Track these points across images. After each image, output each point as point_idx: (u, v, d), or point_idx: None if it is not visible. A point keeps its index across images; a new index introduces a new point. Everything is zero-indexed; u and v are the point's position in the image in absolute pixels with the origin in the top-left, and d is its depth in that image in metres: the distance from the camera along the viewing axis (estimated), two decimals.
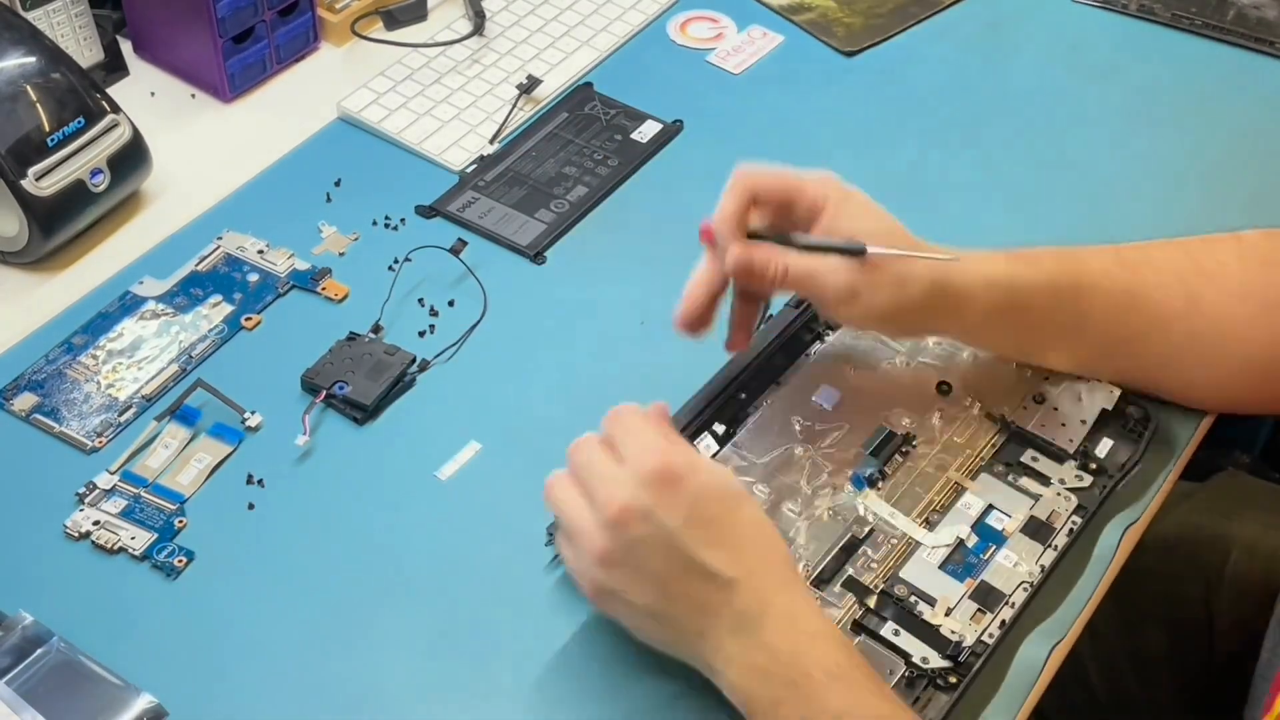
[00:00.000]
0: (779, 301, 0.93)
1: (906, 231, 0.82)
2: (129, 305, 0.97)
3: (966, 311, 0.83)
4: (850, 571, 0.81)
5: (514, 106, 1.12)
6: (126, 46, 1.17)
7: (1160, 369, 0.88)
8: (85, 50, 1.12)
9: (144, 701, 0.75)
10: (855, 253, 0.79)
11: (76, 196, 0.98)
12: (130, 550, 0.83)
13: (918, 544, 0.83)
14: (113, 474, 0.87)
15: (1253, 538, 1.02)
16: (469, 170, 1.08)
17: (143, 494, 0.86)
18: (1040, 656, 0.79)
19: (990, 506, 0.85)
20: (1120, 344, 0.86)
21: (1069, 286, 0.84)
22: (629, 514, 0.71)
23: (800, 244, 0.81)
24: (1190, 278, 0.86)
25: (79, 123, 0.98)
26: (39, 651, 0.76)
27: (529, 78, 1.14)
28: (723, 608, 0.72)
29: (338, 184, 1.06)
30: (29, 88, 0.97)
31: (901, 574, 0.81)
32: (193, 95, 1.14)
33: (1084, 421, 0.88)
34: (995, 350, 0.90)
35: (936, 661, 0.77)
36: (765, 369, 0.91)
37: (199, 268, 1.00)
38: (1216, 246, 0.87)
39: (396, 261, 1.00)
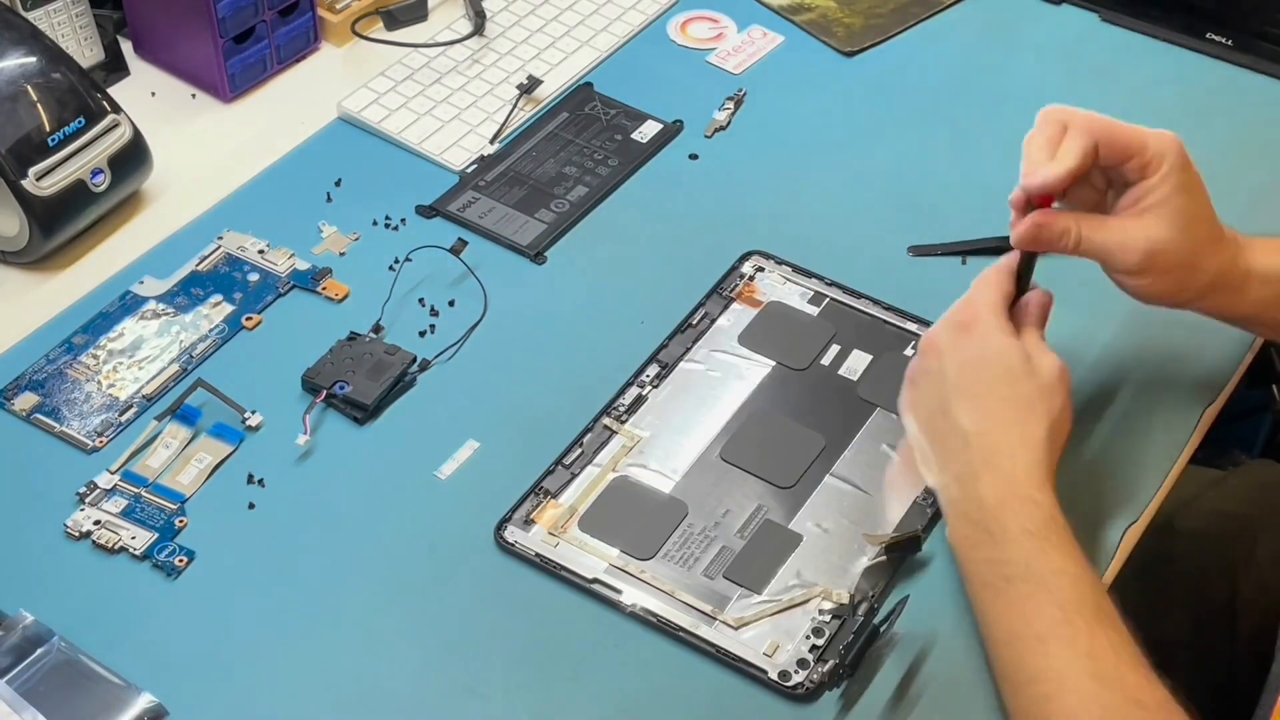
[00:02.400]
0: None
1: (1216, 218, 0.83)
2: (129, 305, 0.97)
3: (1241, 301, 0.85)
4: None
5: (514, 106, 1.12)
6: (127, 46, 1.17)
7: None
8: (86, 50, 1.12)
9: (144, 701, 0.75)
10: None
11: (77, 196, 0.98)
12: (131, 550, 0.83)
13: None
14: (113, 474, 0.87)
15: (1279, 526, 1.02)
16: (469, 170, 1.08)
17: (143, 494, 0.86)
18: None
19: None
20: None
21: None
22: (928, 346, 0.83)
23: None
24: None
25: (79, 123, 0.98)
26: (39, 651, 0.76)
27: (529, 78, 1.14)
28: (957, 457, 0.79)
29: (338, 184, 1.06)
30: (29, 88, 0.97)
31: None
32: (193, 95, 1.14)
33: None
34: (1268, 336, 0.93)
35: None
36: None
37: (199, 267, 1.00)
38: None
39: (397, 261, 1.00)
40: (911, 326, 0.97)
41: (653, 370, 0.93)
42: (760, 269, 1.00)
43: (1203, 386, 0.94)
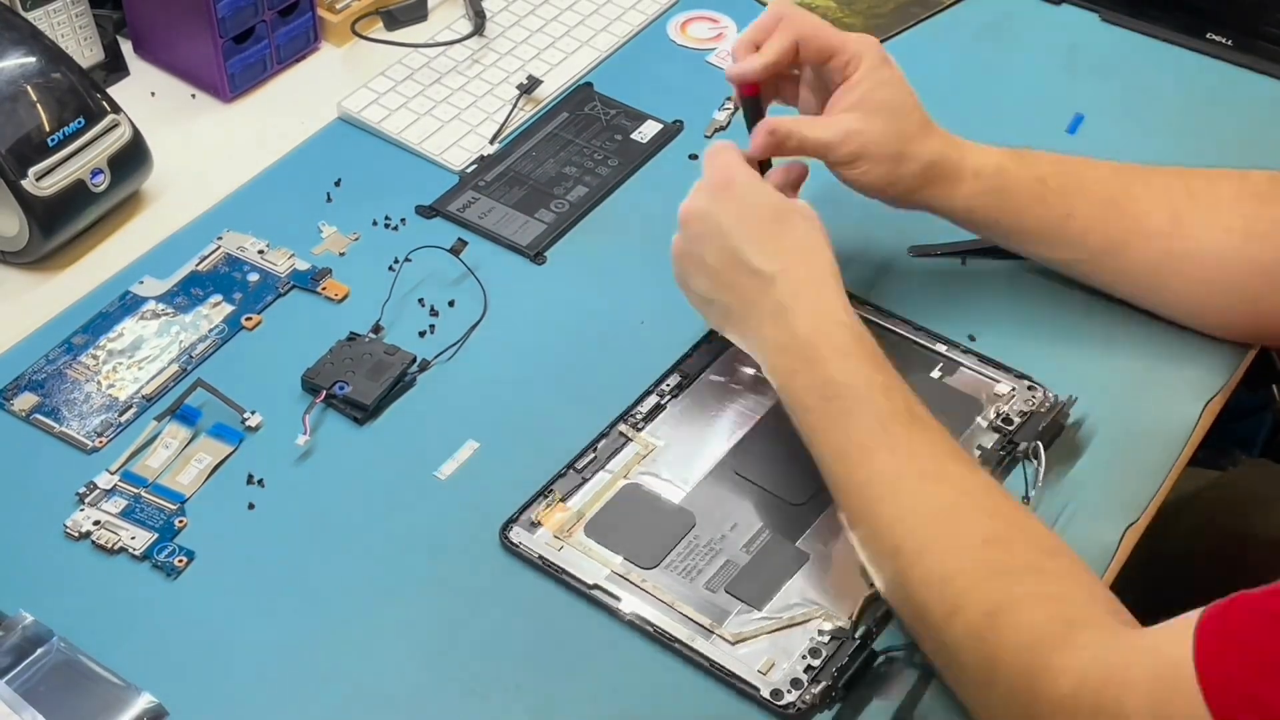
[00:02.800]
0: None
1: (923, 111, 0.91)
2: (129, 305, 0.97)
3: (955, 194, 0.91)
4: None
5: (514, 106, 1.12)
6: (127, 46, 1.17)
7: (1142, 280, 0.93)
8: (85, 50, 1.12)
9: (144, 701, 0.75)
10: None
11: (77, 196, 0.98)
12: (130, 550, 0.83)
13: None
14: (113, 474, 0.87)
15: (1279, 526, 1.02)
16: (469, 170, 1.08)
17: (143, 494, 0.86)
18: None
19: None
20: (1103, 249, 0.92)
21: (1057, 187, 0.91)
22: (690, 213, 0.87)
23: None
24: (1179, 199, 0.90)
25: (79, 123, 0.98)
26: (39, 651, 0.76)
27: (529, 78, 1.14)
28: (762, 298, 0.83)
29: (338, 184, 1.06)
30: (29, 88, 0.97)
31: None
32: (193, 95, 1.14)
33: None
34: (983, 234, 0.95)
35: None
36: None
37: (199, 268, 1.00)
38: (1218, 179, 0.92)
39: (397, 261, 1.00)
40: (940, 347, 0.95)
41: (674, 380, 0.93)
42: None
43: (1203, 386, 0.94)
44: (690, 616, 0.81)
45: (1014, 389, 0.92)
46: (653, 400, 0.91)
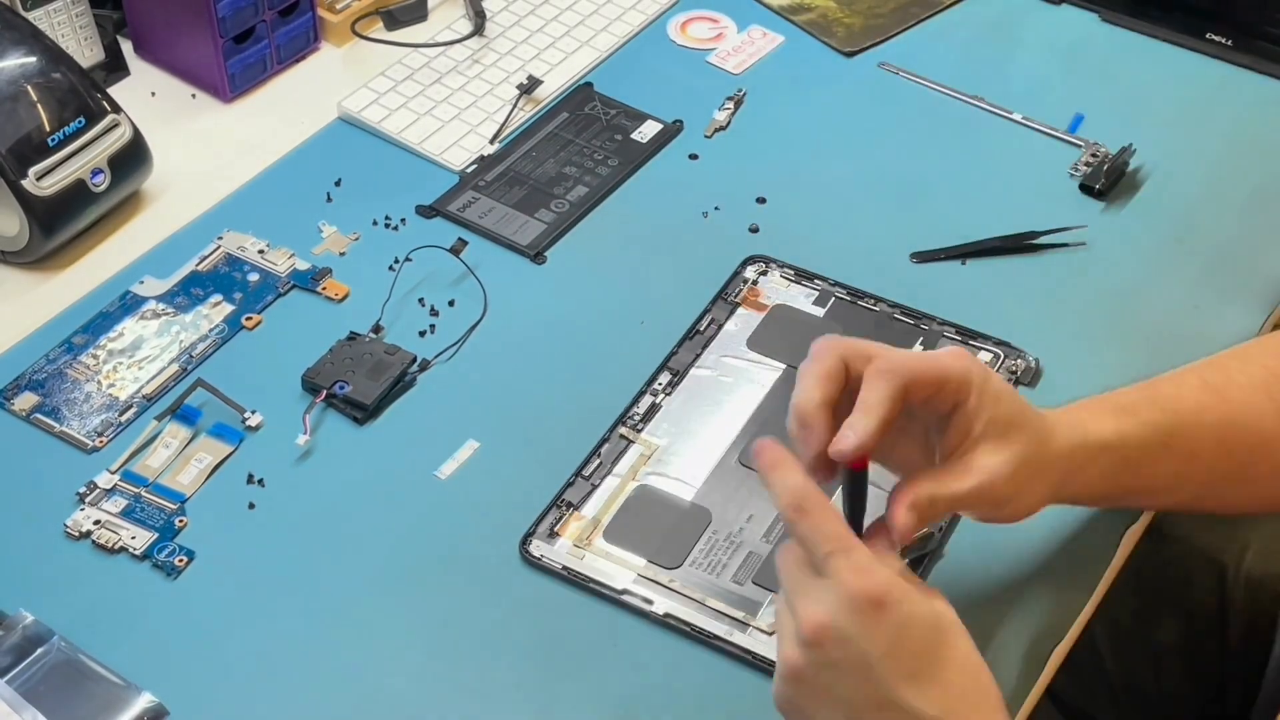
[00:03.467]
0: None
1: (1029, 406, 0.74)
2: (129, 305, 0.97)
3: (1088, 477, 0.76)
4: None
5: (514, 106, 1.12)
6: (127, 46, 1.17)
7: (1274, 488, 0.82)
8: (86, 50, 1.12)
9: (144, 700, 0.75)
10: None
11: (77, 196, 0.98)
12: (131, 550, 0.83)
13: None
14: (113, 473, 0.87)
15: (1270, 531, 1.02)
16: (469, 170, 1.08)
17: (143, 493, 0.86)
18: (1040, 656, 0.80)
19: None
20: (1229, 474, 0.81)
21: (1168, 433, 0.78)
22: (826, 634, 0.65)
23: None
24: (1276, 389, 0.80)
25: (79, 122, 0.98)
26: (39, 651, 0.76)
27: (529, 78, 1.14)
28: None
29: (338, 184, 1.06)
30: (30, 88, 0.97)
31: None
32: (193, 95, 1.14)
33: None
34: (1114, 503, 0.84)
35: None
36: None
37: (199, 267, 1.00)
38: None
39: (397, 261, 1.00)
40: (923, 325, 0.96)
41: (664, 378, 0.93)
42: (763, 272, 1.00)
43: None
44: (723, 611, 0.81)
45: (997, 354, 0.94)
46: (648, 400, 0.92)
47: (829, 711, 0.67)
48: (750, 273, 1.00)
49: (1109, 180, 1.06)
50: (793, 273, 1.00)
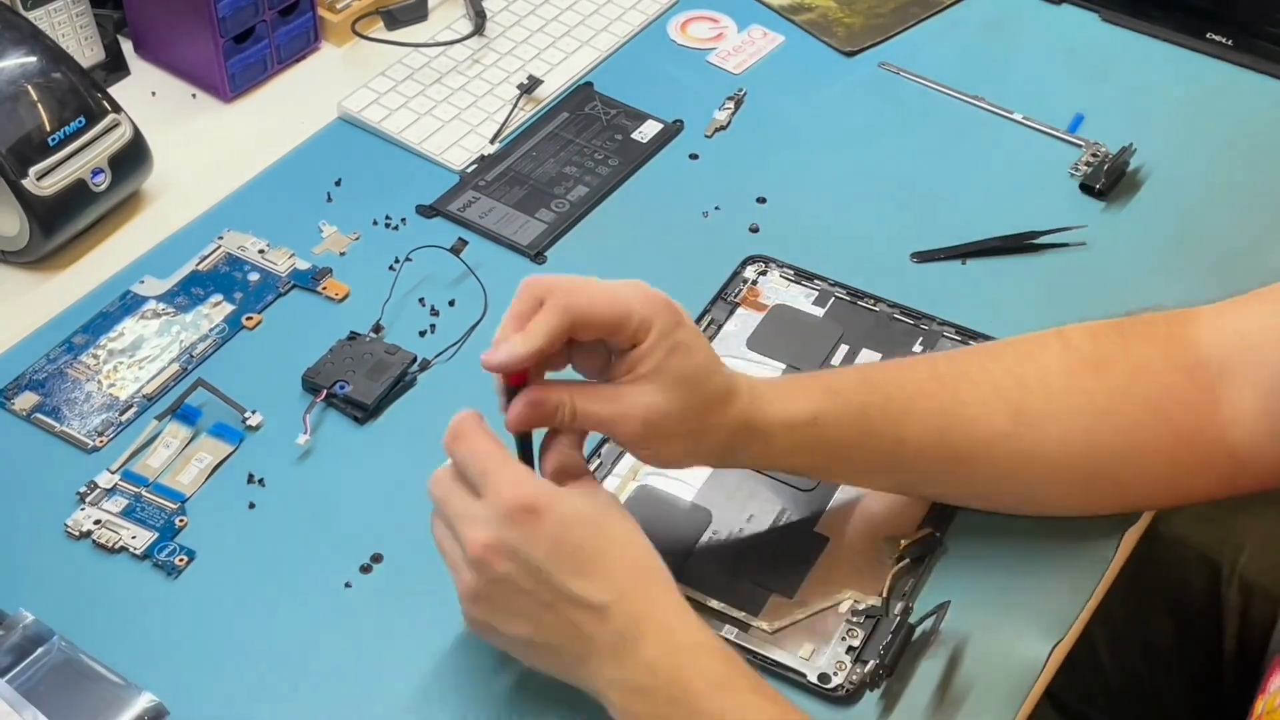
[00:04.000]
0: None
1: (723, 370, 0.76)
2: (130, 305, 0.97)
3: (770, 453, 0.79)
4: None
5: (514, 106, 1.12)
6: (127, 46, 1.17)
7: (992, 487, 0.83)
8: (86, 50, 1.12)
9: (145, 700, 0.75)
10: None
11: (77, 196, 0.98)
12: (131, 549, 0.83)
13: None
14: (113, 473, 0.87)
15: (1265, 531, 1.02)
16: (469, 170, 1.08)
17: (143, 493, 0.86)
18: (1040, 656, 0.80)
19: None
20: (943, 465, 0.81)
21: (879, 414, 0.79)
22: (492, 551, 0.70)
23: None
24: (1012, 392, 0.80)
25: (80, 122, 0.98)
26: (40, 650, 0.76)
27: (529, 78, 1.14)
28: (598, 633, 0.70)
29: (338, 184, 1.06)
30: (30, 87, 0.97)
31: None
32: (193, 95, 1.14)
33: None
34: (811, 477, 0.86)
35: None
36: None
37: (200, 267, 1.00)
38: (1038, 354, 0.82)
39: (397, 261, 1.00)
40: (923, 326, 0.96)
41: None
42: (763, 272, 1.00)
43: None
44: (725, 612, 0.81)
45: None
46: None
47: (512, 622, 0.72)
48: (750, 273, 1.00)
49: (1109, 180, 1.06)
50: (792, 273, 1.00)
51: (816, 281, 0.99)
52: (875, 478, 0.83)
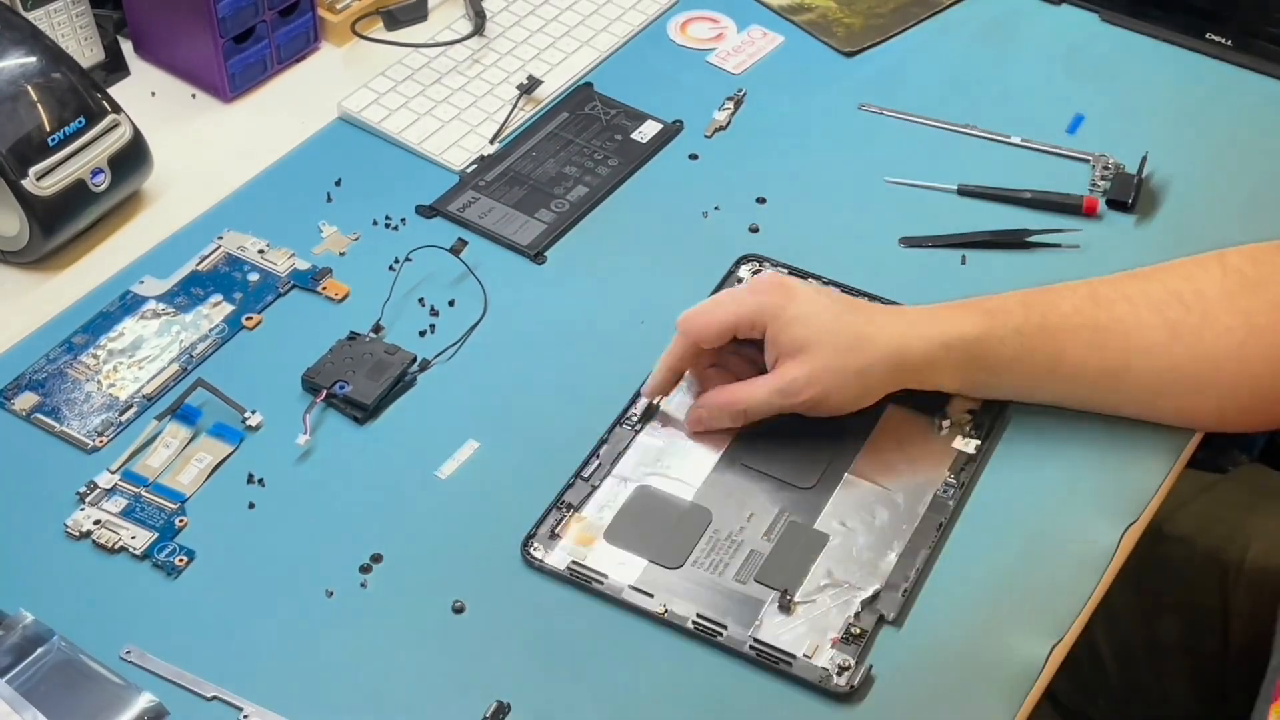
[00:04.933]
0: None
1: (855, 317, 0.87)
2: (130, 305, 0.97)
3: (935, 374, 0.87)
4: None
5: (514, 106, 1.12)
6: (127, 46, 1.17)
7: (1148, 399, 0.88)
8: (86, 50, 1.12)
9: (144, 700, 0.75)
10: None
11: (77, 196, 0.98)
12: (131, 549, 0.83)
13: None
14: (113, 473, 0.87)
15: (1273, 531, 1.02)
16: (469, 170, 1.08)
17: (143, 493, 0.86)
18: (1040, 656, 0.80)
19: None
20: (1099, 379, 0.87)
21: (1037, 330, 0.86)
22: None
23: None
24: (1168, 308, 0.86)
25: (80, 122, 0.98)
26: (39, 650, 0.76)
27: (529, 78, 1.14)
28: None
29: (338, 184, 1.06)
30: (30, 87, 0.97)
31: None
32: (193, 95, 1.14)
33: None
34: (978, 395, 0.91)
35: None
36: None
37: (200, 267, 1.00)
38: (1197, 274, 0.88)
39: (397, 261, 1.00)
40: None
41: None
42: (756, 272, 1.00)
43: None
44: (728, 610, 0.81)
45: None
46: (644, 401, 0.91)
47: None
48: (744, 272, 1.00)
49: (1136, 192, 1.05)
50: (786, 272, 1.00)
51: (811, 280, 0.99)
52: (1035, 392, 0.89)
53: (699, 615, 0.81)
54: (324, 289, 0.99)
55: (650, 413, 0.91)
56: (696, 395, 0.90)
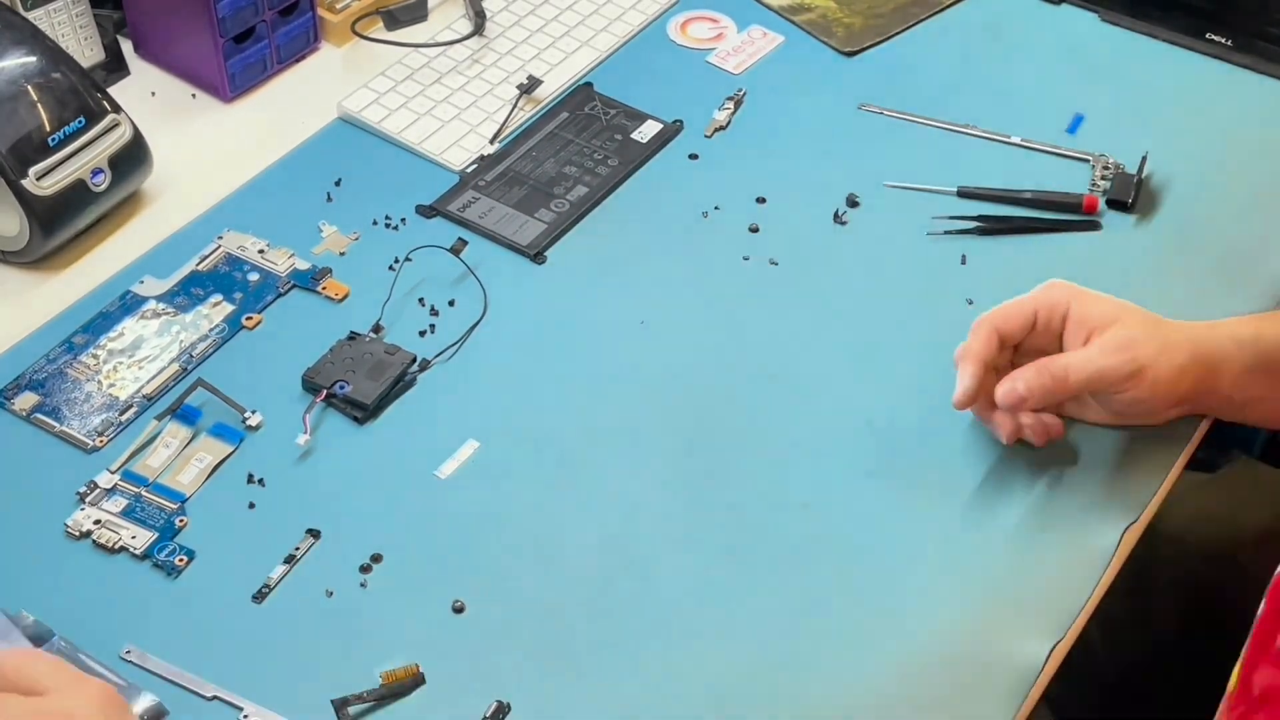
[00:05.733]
0: None
1: (1123, 315, 0.87)
2: (130, 305, 0.97)
3: (1224, 371, 0.87)
4: None
5: (514, 106, 1.12)
6: (127, 46, 1.17)
7: None
8: (86, 50, 1.12)
9: (145, 701, 0.75)
10: None
11: (77, 196, 0.98)
12: (131, 549, 0.83)
13: None
14: (113, 473, 0.87)
15: (1266, 527, 1.02)
16: (469, 170, 1.08)
17: (143, 493, 0.86)
18: (1040, 656, 0.80)
19: None
20: None
21: None
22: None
23: None
24: None
25: (80, 122, 0.98)
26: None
27: (529, 78, 1.14)
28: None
29: (338, 184, 1.06)
30: (30, 87, 0.97)
31: None
32: (193, 95, 1.14)
33: None
34: (1253, 416, 0.91)
35: None
36: None
37: (200, 267, 1.00)
38: None
39: (397, 261, 1.00)
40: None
41: None
42: None
43: None
44: None
45: None
46: None
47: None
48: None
49: (1136, 192, 1.05)
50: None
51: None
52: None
53: None
54: (324, 289, 0.99)
55: None
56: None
